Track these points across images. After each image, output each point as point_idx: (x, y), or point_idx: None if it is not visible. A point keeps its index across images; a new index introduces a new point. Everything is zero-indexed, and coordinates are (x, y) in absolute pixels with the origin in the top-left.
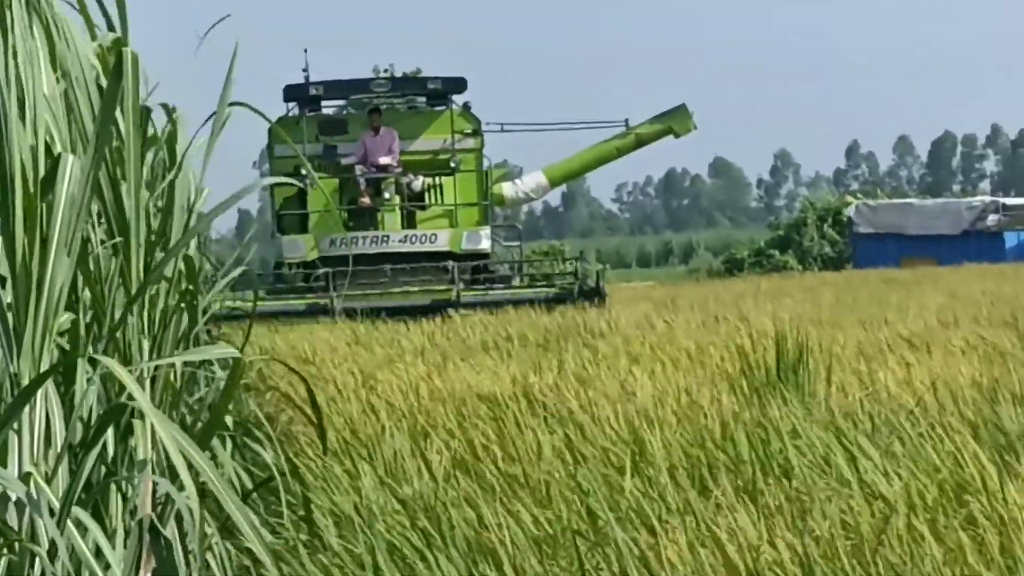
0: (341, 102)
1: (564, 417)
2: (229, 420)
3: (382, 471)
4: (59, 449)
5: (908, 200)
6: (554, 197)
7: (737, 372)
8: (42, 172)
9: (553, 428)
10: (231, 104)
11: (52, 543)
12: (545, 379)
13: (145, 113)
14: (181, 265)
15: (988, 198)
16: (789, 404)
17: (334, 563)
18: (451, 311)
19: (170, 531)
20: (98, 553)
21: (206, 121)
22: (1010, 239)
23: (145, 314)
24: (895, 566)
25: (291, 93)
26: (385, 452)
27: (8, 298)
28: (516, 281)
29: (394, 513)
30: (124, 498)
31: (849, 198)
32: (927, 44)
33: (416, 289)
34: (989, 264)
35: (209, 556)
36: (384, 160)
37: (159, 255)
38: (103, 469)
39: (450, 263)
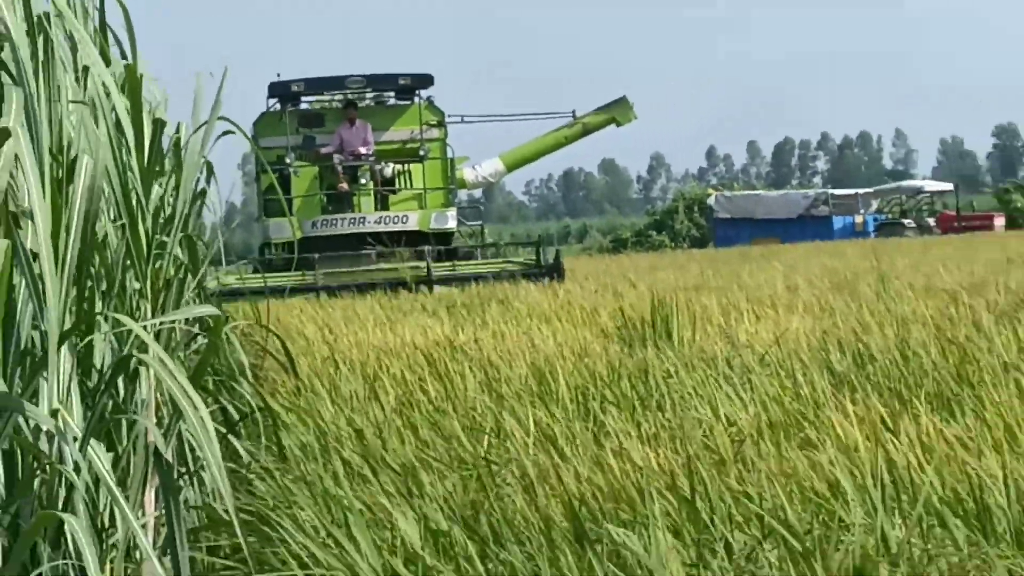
0: (319, 97)
1: (484, 364)
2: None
3: (340, 406)
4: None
5: (756, 192)
6: (477, 190)
7: (620, 328)
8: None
9: (476, 373)
10: (219, 118)
11: (76, 464)
12: (468, 334)
13: (160, 125)
14: (178, 251)
15: (819, 190)
16: (663, 352)
17: (300, 480)
18: (424, 286)
19: (170, 455)
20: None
21: (196, 130)
22: (837, 222)
23: (148, 283)
24: (747, 478)
25: (274, 90)
26: (343, 392)
27: (38, 270)
28: (478, 259)
29: (350, 439)
30: (131, 428)
31: (710, 190)
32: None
33: (392, 266)
34: (820, 242)
35: (203, 473)
36: (360, 150)
37: (165, 240)
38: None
39: (427, 247)
